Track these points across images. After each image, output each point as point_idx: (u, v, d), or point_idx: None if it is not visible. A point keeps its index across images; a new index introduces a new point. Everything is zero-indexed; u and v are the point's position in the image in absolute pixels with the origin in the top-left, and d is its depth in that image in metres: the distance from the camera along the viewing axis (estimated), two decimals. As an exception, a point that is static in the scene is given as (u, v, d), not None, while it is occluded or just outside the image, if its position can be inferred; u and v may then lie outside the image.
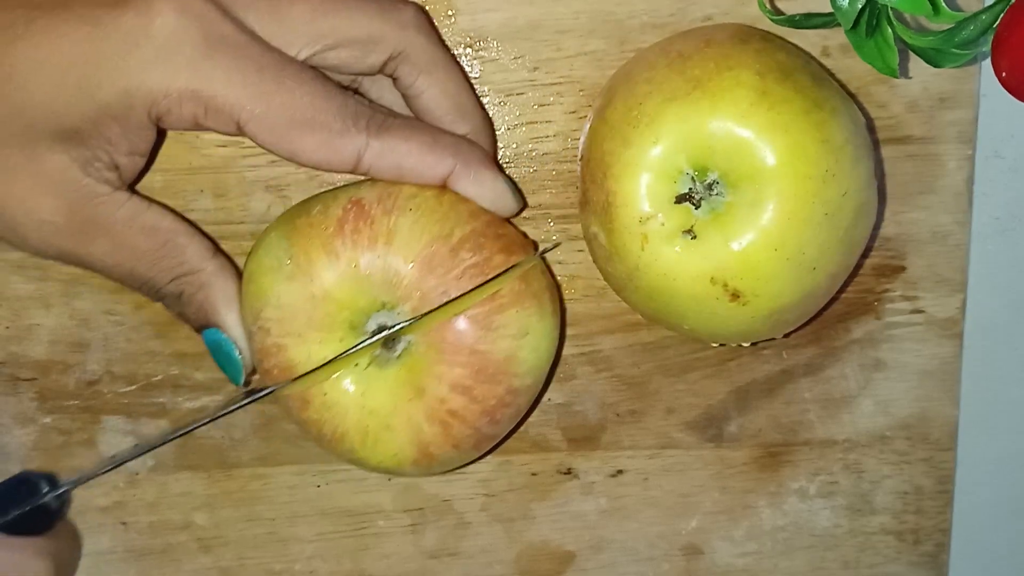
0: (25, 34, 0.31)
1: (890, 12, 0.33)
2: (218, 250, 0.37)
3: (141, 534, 0.43)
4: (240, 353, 0.36)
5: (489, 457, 0.43)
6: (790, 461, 0.44)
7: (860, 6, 0.33)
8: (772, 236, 0.34)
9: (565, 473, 0.44)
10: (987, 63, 0.39)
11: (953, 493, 0.45)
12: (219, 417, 0.38)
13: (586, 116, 0.40)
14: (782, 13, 0.35)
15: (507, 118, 0.40)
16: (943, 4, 0.33)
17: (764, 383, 0.43)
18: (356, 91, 0.38)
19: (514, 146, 0.41)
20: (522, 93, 0.40)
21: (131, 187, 0.36)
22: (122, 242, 0.34)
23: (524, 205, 0.38)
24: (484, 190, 0.36)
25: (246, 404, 0.37)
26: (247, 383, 0.37)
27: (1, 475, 0.41)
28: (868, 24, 0.33)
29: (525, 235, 0.39)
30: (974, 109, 0.41)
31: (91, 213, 0.34)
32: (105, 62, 0.31)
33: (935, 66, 0.34)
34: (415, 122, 0.36)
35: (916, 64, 0.40)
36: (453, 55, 0.38)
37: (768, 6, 0.35)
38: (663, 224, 0.35)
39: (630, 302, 0.38)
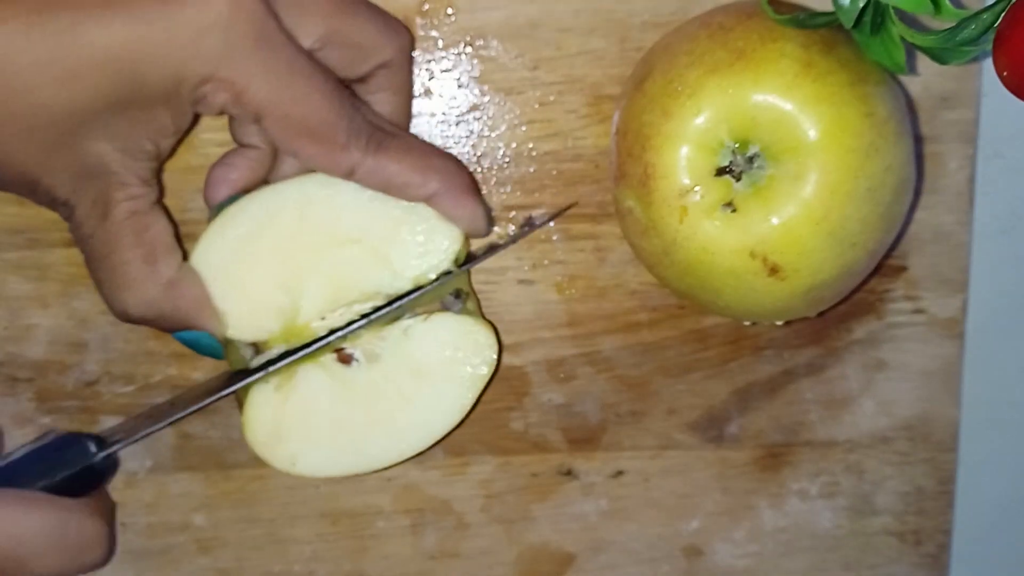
0: (80, 34, 0.32)
1: (892, 11, 0.33)
2: (185, 255, 0.38)
3: (139, 535, 0.43)
4: (218, 338, 0.38)
5: (489, 458, 0.43)
6: (791, 462, 0.44)
7: (861, 5, 0.33)
8: (814, 210, 0.34)
9: (565, 474, 0.44)
10: (988, 63, 0.38)
11: (955, 494, 0.45)
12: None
13: (587, 115, 0.40)
14: (785, 12, 0.35)
15: (507, 117, 0.40)
16: (946, 2, 0.33)
17: (765, 383, 0.43)
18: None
19: (514, 145, 0.41)
20: (522, 92, 0.40)
21: (159, 174, 0.37)
22: (112, 229, 0.35)
23: (491, 230, 0.41)
24: (462, 216, 0.38)
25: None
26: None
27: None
28: (872, 23, 0.33)
29: None
30: (975, 109, 0.41)
31: (104, 196, 0.35)
32: (158, 53, 0.33)
33: (941, 63, 0.34)
34: (411, 142, 0.37)
35: (918, 63, 0.40)
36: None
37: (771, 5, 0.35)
38: (702, 197, 0.35)
39: (663, 278, 0.38)
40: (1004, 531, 0.47)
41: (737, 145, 0.35)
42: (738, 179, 0.35)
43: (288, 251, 0.37)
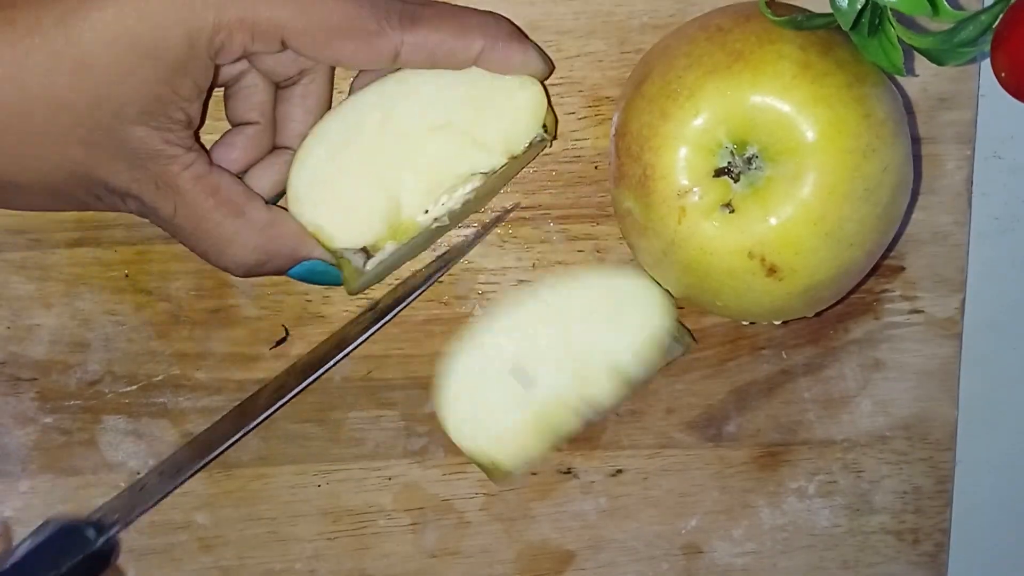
0: (79, 21, 0.32)
1: (890, 12, 0.33)
2: (267, 202, 0.38)
3: (142, 533, 0.43)
4: (330, 262, 0.39)
5: (489, 457, 0.43)
6: (789, 461, 0.44)
7: (859, 7, 0.33)
8: (812, 210, 0.34)
9: (565, 473, 0.44)
10: (986, 64, 0.39)
11: (952, 493, 0.45)
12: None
13: (586, 116, 0.40)
14: (783, 14, 0.35)
15: (507, 118, 0.40)
16: (944, 4, 0.33)
17: (763, 383, 0.43)
18: None
19: (514, 146, 0.41)
20: (522, 93, 0.40)
21: (197, 138, 0.37)
22: (190, 200, 0.36)
23: (552, 68, 0.39)
24: (515, 64, 0.37)
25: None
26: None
27: (8, 477, 0.41)
28: (870, 24, 0.33)
29: None
30: (973, 110, 0.41)
31: (165, 175, 0.35)
32: (164, 20, 0.32)
33: (939, 64, 0.34)
34: (443, 8, 0.37)
35: (916, 64, 0.40)
36: None
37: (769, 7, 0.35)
38: (701, 198, 0.35)
39: (662, 278, 0.38)
40: (1001, 530, 0.47)
41: (735, 146, 0.35)
42: (736, 180, 0.35)
43: (380, 152, 0.38)
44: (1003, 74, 0.33)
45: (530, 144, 0.38)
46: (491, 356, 0.39)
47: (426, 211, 0.38)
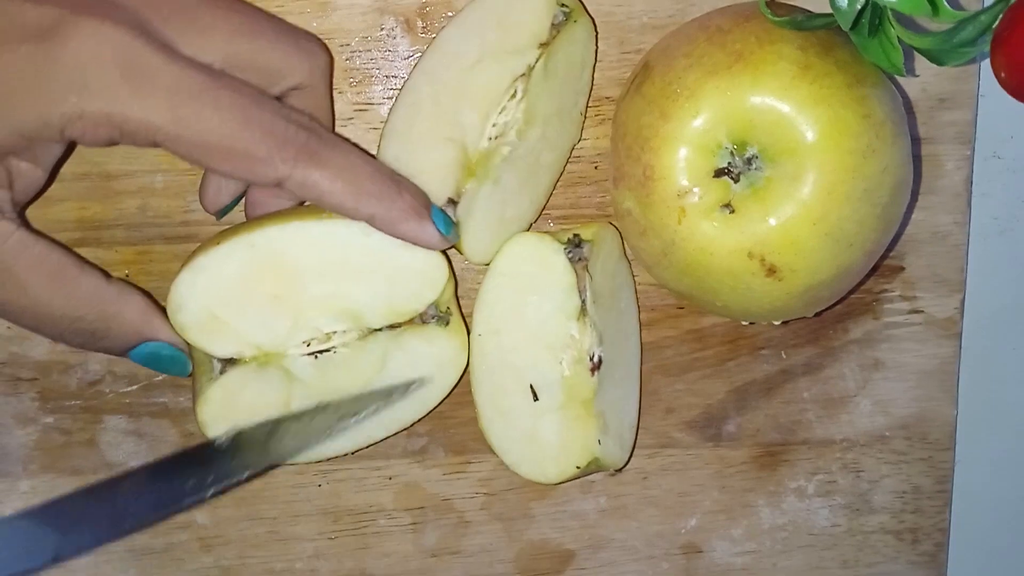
0: None
1: (890, 12, 0.33)
2: (108, 275, 0.37)
3: (142, 533, 0.43)
4: (179, 348, 0.37)
5: (489, 456, 0.43)
6: (789, 460, 0.44)
7: (859, 7, 0.33)
8: (811, 210, 0.34)
9: (565, 472, 0.44)
10: (986, 64, 0.39)
11: (951, 492, 0.45)
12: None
13: (586, 116, 0.40)
14: (783, 15, 0.35)
15: (507, 118, 0.40)
16: (943, 4, 0.33)
17: (763, 383, 0.43)
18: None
19: (514, 146, 0.41)
20: (522, 93, 0.40)
21: (22, 216, 0.35)
22: (10, 277, 0.34)
23: (457, 238, 0.38)
24: (407, 238, 0.36)
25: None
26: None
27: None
28: (870, 24, 0.33)
29: None
30: (973, 110, 0.41)
31: None
32: (19, 90, 0.31)
33: (939, 64, 0.34)
34: (352, 159, 0.35)
35: (916, 64, 0.40)
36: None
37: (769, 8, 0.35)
38: (701, 198, 0.35)
39: (661, 279, 0.38)
40: (1001, 529, 0.47)
41: (735, 147, 0.35)
42: (736, 180, 0.35)
43: (445, 111, 0.38)
44: (1003, 74, 0.33)
45: (555, 27, 0.38)
46: (507, 386, 0.39)
47: (488, 137, 0.38)
